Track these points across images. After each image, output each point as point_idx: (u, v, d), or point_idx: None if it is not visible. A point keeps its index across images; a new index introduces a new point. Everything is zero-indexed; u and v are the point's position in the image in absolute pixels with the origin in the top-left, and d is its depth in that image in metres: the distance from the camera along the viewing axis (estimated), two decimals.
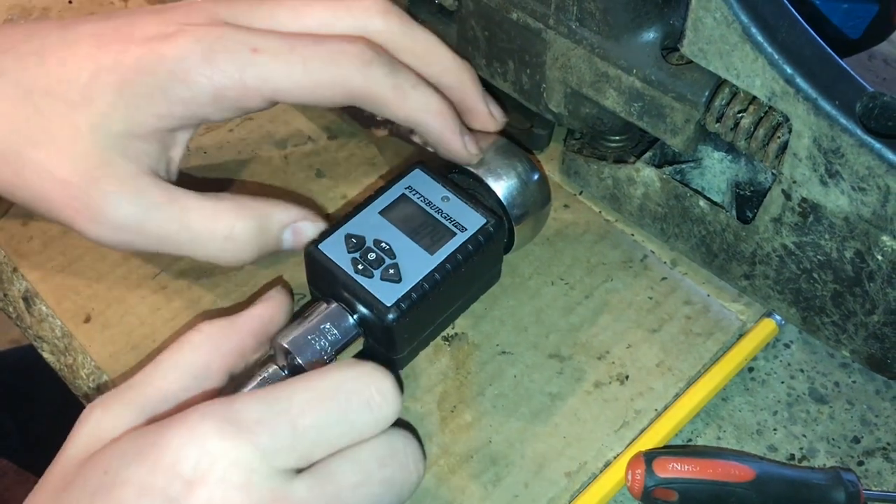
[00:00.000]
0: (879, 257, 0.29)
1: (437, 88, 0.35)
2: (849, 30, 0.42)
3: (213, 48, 0.31)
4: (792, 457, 0.36)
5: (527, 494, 0.35)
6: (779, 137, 0.30)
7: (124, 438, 0.27)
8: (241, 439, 0.25)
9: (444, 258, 0.32)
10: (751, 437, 0.37)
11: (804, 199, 0.30)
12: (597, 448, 0.36)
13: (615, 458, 0.35)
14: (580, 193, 0.43)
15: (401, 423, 0.31)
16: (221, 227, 0.33)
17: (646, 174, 0.36)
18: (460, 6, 0.38)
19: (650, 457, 0.34)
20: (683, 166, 0.36)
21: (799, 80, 0.28)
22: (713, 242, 0.36)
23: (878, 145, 0.27)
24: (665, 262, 0.41)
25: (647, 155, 0.36)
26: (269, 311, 0.32)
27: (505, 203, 0.36)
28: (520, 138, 0.42)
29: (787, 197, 0.31)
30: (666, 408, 0.37)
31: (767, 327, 0.39)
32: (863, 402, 0.38)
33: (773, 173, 0.31)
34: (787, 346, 0.39)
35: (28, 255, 0.41)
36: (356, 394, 0.27)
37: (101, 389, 0.38)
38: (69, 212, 0.33)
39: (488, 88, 0.40)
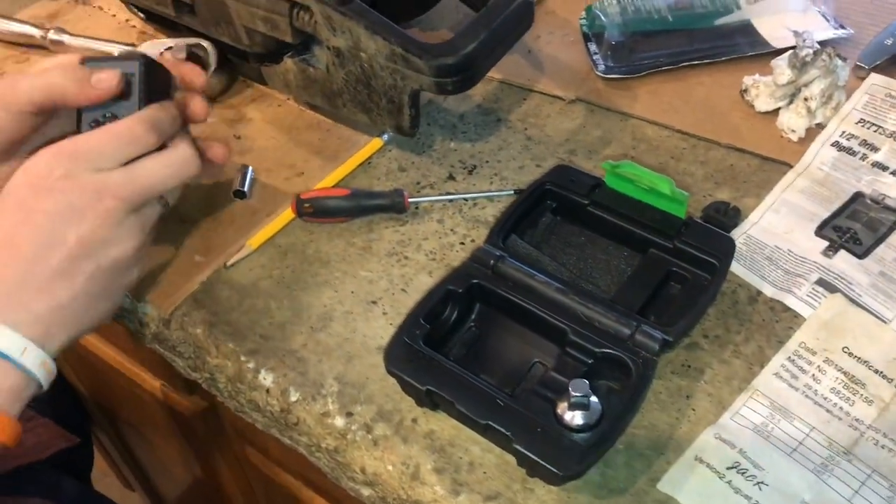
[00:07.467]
0: (365, 66, 0.64)
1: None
2: None
3: None
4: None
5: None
6: (315, 19, 0.65)
7: None
8: (71, 159, 0.52)
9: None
10: (371, 187, 0.71)
11: (332, 47, 0.65)
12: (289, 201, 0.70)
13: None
14: (287, 98, 0.79)
15: None
16: None
17: (288, 64, 0.72)
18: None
19: (299, 196, 0.68)
20: (306, 56, 0.71)
21: None
22: (326, 90, 0.71)
23: (341, 11, 0.62)
24: (331, 122, 0.76)
25: (288, 54, 0.72)
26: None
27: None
28: (245, 70, 0.78)
29: (328, 48, 0.66)
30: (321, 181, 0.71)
31: (377, 142, 0.74)
32: (419, 165, 0.72)
33: (323, 40, 0.66)
34: (389, 150, 0.74)
35: None
36: (120, 133, 0.53)
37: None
38: None
39: (221, 44, 0.76)
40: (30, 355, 0.50)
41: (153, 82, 0.57)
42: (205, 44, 0.74)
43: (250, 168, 0.71)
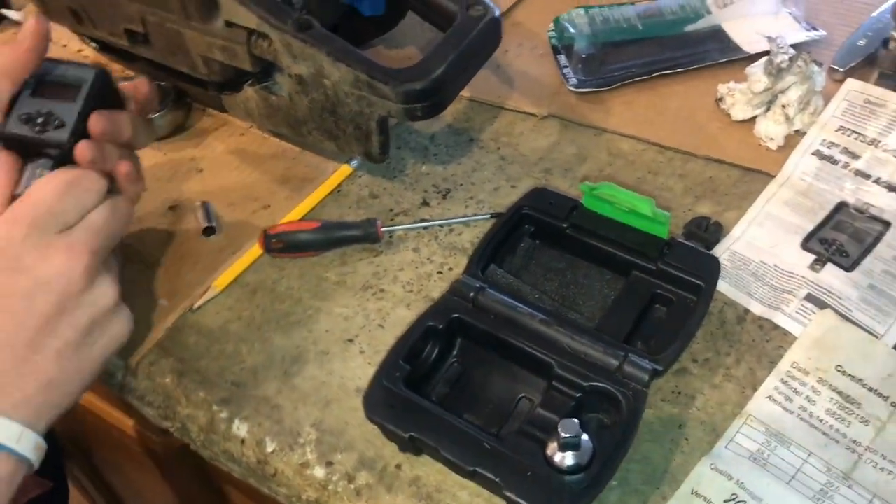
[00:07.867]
0: (329, 93, 0.62)
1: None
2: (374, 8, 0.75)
3: None
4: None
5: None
6: (274, 47, 0.62)
7: None
8: (33, 226, 0.49)
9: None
10: (342, 217, 0.68)
11: (294, 74, 0.63)
12: (255, 236, 0.67)
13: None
14: (250, 126, 0.76)
15: None
16: None
17: (248, 93, 0.69)
18: (146, 29, 0.70)
19: (266, 231, 0.65)
20: (268, 83, 0.68)
21: (265, 15, 0.60)
22: (290, 118, 0.68)
23: (301, 37, 0.60)
24: (297, 149, 0.73)
25: (248, 82, 0.69)
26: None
27: None
28: (205, 98, 0.75)
29: (290, 76, 0.63)
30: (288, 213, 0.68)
31: (346, 169, 0.71)
32: (391, 191, 0.70)
33: (284, 67, 0.63)
34: (359, 176, 0.71)
35: None
36: (76, 184, 0.51)
37: None
38: None
39: (178, 74, 0.72)
40: (25, 441, 0.48)
41: (100, 95, 0.56)
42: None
43: (210, 203, 0.68)
